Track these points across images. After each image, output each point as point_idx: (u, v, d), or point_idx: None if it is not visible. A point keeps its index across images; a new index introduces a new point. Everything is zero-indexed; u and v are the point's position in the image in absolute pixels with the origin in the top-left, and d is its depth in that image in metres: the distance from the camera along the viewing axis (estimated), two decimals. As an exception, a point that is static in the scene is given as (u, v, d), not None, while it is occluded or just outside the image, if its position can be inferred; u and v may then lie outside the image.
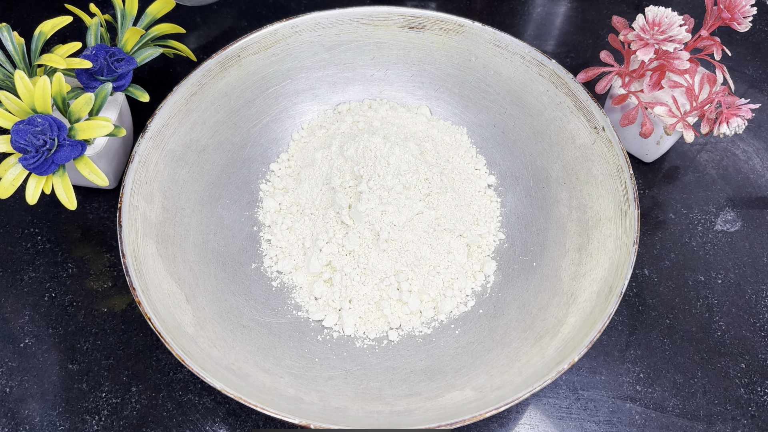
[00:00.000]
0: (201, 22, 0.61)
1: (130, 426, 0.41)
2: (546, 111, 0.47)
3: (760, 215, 0.51)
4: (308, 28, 0.49)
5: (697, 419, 0.42)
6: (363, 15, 0.49)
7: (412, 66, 0.51)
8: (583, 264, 0.42)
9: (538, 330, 0.40)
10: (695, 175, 0.53)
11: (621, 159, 0.42)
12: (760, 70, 0.59)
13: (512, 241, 0.46)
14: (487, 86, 0.50)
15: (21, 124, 0.39)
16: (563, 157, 0.46)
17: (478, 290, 0.45)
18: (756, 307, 0.46)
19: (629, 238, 0.39)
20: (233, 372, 0.37)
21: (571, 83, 0.45)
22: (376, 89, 0.52)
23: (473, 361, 0.40)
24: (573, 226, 0.44)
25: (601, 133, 0.43)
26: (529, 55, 0.47)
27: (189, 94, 0.45)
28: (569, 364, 0.35)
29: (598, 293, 0.39)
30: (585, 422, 0.42)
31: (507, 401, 0.34)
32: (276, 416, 0.34)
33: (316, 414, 0.36)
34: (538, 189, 0.47)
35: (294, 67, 0.50)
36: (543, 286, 0.43)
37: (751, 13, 0.45)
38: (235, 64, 0.47)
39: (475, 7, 0.64)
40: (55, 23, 0.44)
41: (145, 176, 0.42)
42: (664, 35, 0.44)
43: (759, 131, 0.55)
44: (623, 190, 0.41)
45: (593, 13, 0.63)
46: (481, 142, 0.50)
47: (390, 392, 0.39)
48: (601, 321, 0.36)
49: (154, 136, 0.43)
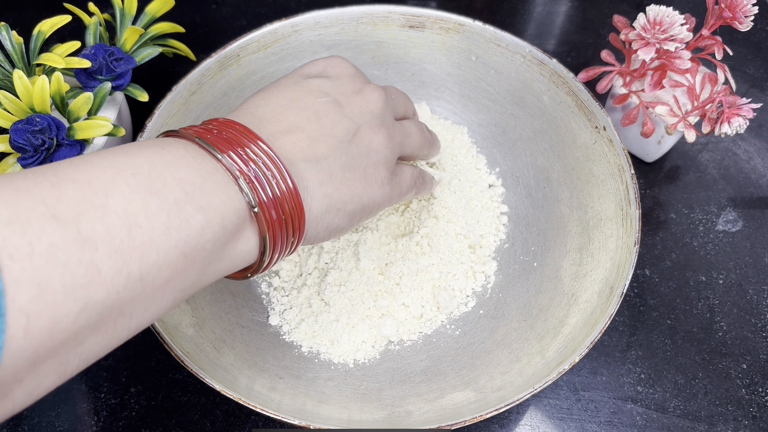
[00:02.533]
0: (200, 21, 0.61)
1: (129, 426, 0.41)
2: (547, 110, 0.47)
3: (761, 215, 0.51)
4: (308, 27, 0.49)
5: (698, 420, 0.42)
6: (363, 14, 0.49)
7: (412, 65, 0.51)
8: (584, 264, 0.41)
9: (539, 330, 0.40)
10: (696, 174, 0.53)
11: (622, 159, 0.42)
12: (762, 70, 0.59)
13: (513, 241, 0.46)
14: (488, 85, 0.49)
15: (20, 124, 0.39)
16: (564, 156, 0.46)
17: (478, 290, 0.45)
18: (757, 307, 0.46)
19: (630, 238, 0.39)
20: (232, 373, 0.37)
21: (572, 83, 0.45)
22: None
23: (473, 362, 0.40)
24: (574, 226, 0.44)
25: (602, 132, 0.43)
26: (530, 54, 0.47)
27: (188, 93, 0.45)
28: (570, 364, 0.35)
29: (599, 294, 0.39)
30: (586, 423, 0.42)
31: (507, 402, 0.34)
32: (275, 417, 0.33)
33: (315, 414, 0.36)
34: (538, 189, 0.47)
35: (294, 67, 0.50)
36: (544, 287, 0.43)
37: (753, 13, 0.45)
38: (234, 63, 0.47)
39: (476, 6, 0.64)
40: (53, 22, 0.43)
41: None
42: (665, 34, 0.44)
43: (760, 131, 0.55)
44: (624, 190, 0.41)
45: (594, 12, 0.63)
46: (482, 142, 0.50)
47: (390, 393, 0.39)
48: (602, 321, 0.36)
49: (152, 136, 0.43)
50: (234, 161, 0.27)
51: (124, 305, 0.23)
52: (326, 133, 0.32)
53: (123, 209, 0.23)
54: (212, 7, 0.62)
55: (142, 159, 0.25)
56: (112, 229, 0.22)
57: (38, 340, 0.20)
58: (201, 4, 0.62)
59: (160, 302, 0.25)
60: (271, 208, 0.28)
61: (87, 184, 0.23)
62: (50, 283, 0.20)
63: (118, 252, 0.22)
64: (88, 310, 0.22)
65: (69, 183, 0.23)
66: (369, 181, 0.33)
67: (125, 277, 0.23)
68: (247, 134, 0.29)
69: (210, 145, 0.27)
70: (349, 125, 0.33)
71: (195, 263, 0.26)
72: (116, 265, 0.22)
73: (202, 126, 0.29)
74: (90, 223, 0.22)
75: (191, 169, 0.26)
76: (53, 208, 0.21)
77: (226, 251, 0.27)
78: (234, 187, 0.27)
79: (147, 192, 0.24)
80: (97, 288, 0.22)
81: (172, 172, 0.25)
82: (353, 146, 0.33)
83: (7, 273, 0.19)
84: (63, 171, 0.23)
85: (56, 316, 0.21)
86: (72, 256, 0.21)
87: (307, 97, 0.33)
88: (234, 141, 0.28)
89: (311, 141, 0.31)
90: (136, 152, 0.25)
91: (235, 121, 0.29)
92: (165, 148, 0.26)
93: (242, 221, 0.27)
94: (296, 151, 0.30)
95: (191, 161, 0.26)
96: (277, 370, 0.39)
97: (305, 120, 0.31)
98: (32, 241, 0.20)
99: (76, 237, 0.21)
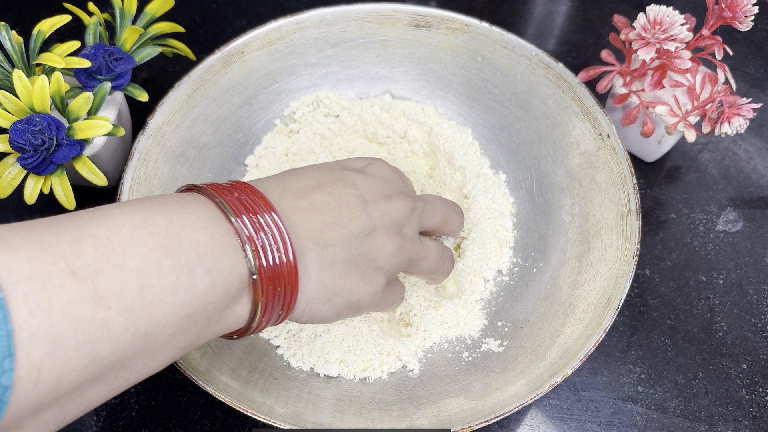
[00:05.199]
0: (200, 21, 0.61)
1: (129, 426, 0.41)
2: (551, 115, 0.46)
3: (761, 215, 0.51)
4: (313, 25, 0.48)
5: (698, 420, 0.42)
6: (369, 12, 0.49)
7: (417, 64, 0.51)
8: (583, 273, 0.41)
9: (535, 339, 0.40)
10: (697, 174, 0.52)
11: (625, 168, 0.41)
12: (762, 70, 0.59)
13: (514, 245, 0.46)
14: (493, 87, 0.49)
15: (19, 124, 0.39)
16: (567, 162, 0.45)
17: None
18: (758, 307, 0.46)
19: (629, 249, 0.39)
20: (228, 375, 0.37)
21: (577, 88, 0.45)
22: (380, 87, 0.51)
23: (468, 368, 0.40)
24: (575, 233, 0.43)
25: (606, 140, 0.43)
26: (536, 57, 0.46)
27: (191, 90, 0.45)
28: (562, 377, 0.35)
29: (596, 305, 0.38)
30: (586, 423, 0.42)
31: (498, 414, 0.34)
32: (266, 422, 0.34)
33: (308, 417, 0.36)
34: (541, 194, 0.47)
35: (298, 64, 0.50)
36: (542, 294, 0.42)
37: (753, 12, 0.45)
38: (238, 60, 0.47)
39: (476, 5, 0.63)
40: (53, 22, 0.43)
41: (144, 173, 0.42)
42: (665, 34, 0.44)
43: (761, 131, 0.55)
44: (626, 200, 0.41)
45: (594, 12, 0.63)
46: (486, 144, 0.50)
47: (382, 397, 0.39)
48: (596, 334, 0.36)
49: (154, 133, 0.43)
50: (245, 226, 0.28)
51: (127, 360, 0.24)
52: (342, 224, 0.32)
53: (138, 268, 0.24)
54: (212, 7, 0.62)
55: (161, 217, 0.26)
56: (126, 288, 0.23)
57: (44, 392, 0.21)
58: (201, 4, 0.62)
59: (159, 358, 0.26)
60: (269, 277, 0.28)
61: (106, 240, 0.24)
62: (64, 339, 0.21)
63: (128, 311, 0.23)
64: (94, 365, 0.22)
65: (89, 238, 0.23)
66: (365, 282, 0.33)
67: (132, 335, 0.23)
68: (265, 203, 0.29)
69: (227, 207, 0.28)
70: (367, 223, 0.32)
71: (196, 323, 0.26)
72: (125, 323, 0.23)
73: (226, 186, 0.30)
74: (106, 281, 0.23)
75: (206, 231, 0.27)
76: (73, 264, 0.22)
77: (225, 314, 0.28)
78: (241, 253, 0.27)
79: (162, 252, 0.25)
80: (105, 344, 0.22)
81: (188, 233, 0.26)
82: (363, 244, 0.32)
83: (26, 329, 0.20)
84: (84, 225, 0.24)
85: (64, 370, 0.21)
86: (86, 313, 0.22)
87: (337, 184, 0.33)
88: (250, 207, 0.29)
89: (325, 226, 0.31)
90: (156, 209, 0.26)
91: (257, 189, 0.30)
92: (184, 207, 0.27)
93: (243, 287, 0.28)
94: (308, 230, 0.31)
95: (207, 222, 0.27)
96: (272, 371, 0.39)
97: (326, 205, 0.32)
98: (51, 297, 0.21)
99: (92, 294, 0.22)
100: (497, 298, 0.44)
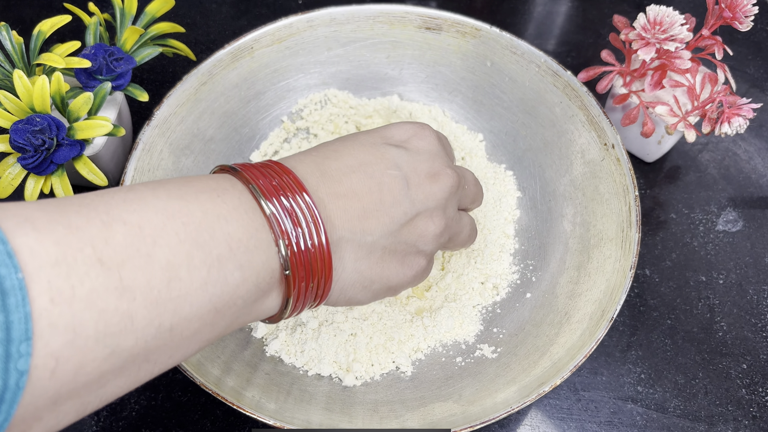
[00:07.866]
0: (200, 21, 0.61)
1: (129, 426, 0.41)
2: (558, 122, 0.46)
3: (761, 215, 0.51)
4: (323, 24, 0.48)
5: (698, 420, 0.42)
6: (380, 13, 0.48)
7: (426, 67, 0.50)
8: (581, 283, 0.41)
9: (529, 347, 0.40)
10: (697, 174, 0.53)
11: (628, 179, 0.41)
12: (762, 70, 0.59)
13: (513, 252, 0.46)
14: (501, 92, 0.49)
15: (20, 124, 0.39)
16: (571, 171, 0.45)
17: None
18: (757, 307, 0.46)
19: (627, 261, 0.39)
20: (226, 373, 0.37)
21: (584, 96, 0.44)
22: (389, 88, 0.51)
23: (460, 372, 0.40)
24: (575, 243, 0.43)
25: (610, 150, 0.43)
26: (545, 64, 0.46)
27: (199, 83, 0.45)
28: (551, 387, 0.35)
29: (591, 315, 0.38)
30: (586, 423, 0.42)
31: (484, 420, 0.34)
32: (261, 420, 0.34)
33: (297, 414, 0.36)
34: (544, 201, 0.46)
35: (307, 62, 0.50)
36: (538, 302, 0.42)
37: (753, 13, 0.45)
38: (247, 56, 0.47)
39: (476, 5, 0.63)
40: (54, 22, 0.43)
41: (148, 164, 0.42)
42: (665, 34, 0.44)
43: (760, 131, 0.55)
44: (627, 212, 0.40)
45: (594, 12, 0.63)
46: (492, 149, 0.50)
47: (372, 397, 0.39)
48: (588, 345, 0.36)
49: (160, 124, 0.43)
50: (280, 221, 0.27)
51: (150, 353, 0.23)
52: (382, 210, 0.30)
53: (167, 260, 0.23)
54: (212, 7, 0.62)
55: (195, 206, 0.25)
56: (153, 280, 0.22)
57: (62, 382, 0.21)
58: (201, 4, 0.62)
59: (185, 350, 0.25)
60: (302, 273, 0.27)
61: (137, 228, 0.23)
62: (84, 330, 0.20)
63: (154, 303, 0.22)
64: (115, 356, 0.22)
65: (120, 224, 0.22)
66: (404, 267, 0.32)
67: (156, 328, 0.23)
68: (302, 191, 0.28)
69: (262, 196, 0.27)
70: (409, 209, 0.31)
71: (224, 317, 0.26)
72: (149, 316, 0.22)
73: (263, 171, 0.28)
74: (133, 271, 0.22)
75: (240, 224, 0.26)
76: (101, 251, 0.21)
77: (254, 306, 0.27)
78: (274, 248, 0.27)
79: (194, 244, 0.24)
80: (127, 336, 0.22)
81: (223, 225, 0.25)
82: (404, 231, 0.31)
83: (46, 317, 0.20)
84: (116, 208, 0.23)
85: (83, 360, 0.21)
86: (110, 304, 0.21)
87: (378, 164, 0.31)
88: (286, 197, 0.27)
89: (364, 213, 0.30)
90: (192, 197, 0.25)
91: (296, 175, 0.29)
92: (221, 196, 0.26)
93: (274, 281, 0.27)
94: (345, 218, 0.29)
95: (243, 214, 0.26)
96: (264, 365, 0.39)
97: (366, 189, 0.30)
98: (75, 285, 0.20)
99: (117, 285, 0.21)
100: (494, 304, 0.44)
